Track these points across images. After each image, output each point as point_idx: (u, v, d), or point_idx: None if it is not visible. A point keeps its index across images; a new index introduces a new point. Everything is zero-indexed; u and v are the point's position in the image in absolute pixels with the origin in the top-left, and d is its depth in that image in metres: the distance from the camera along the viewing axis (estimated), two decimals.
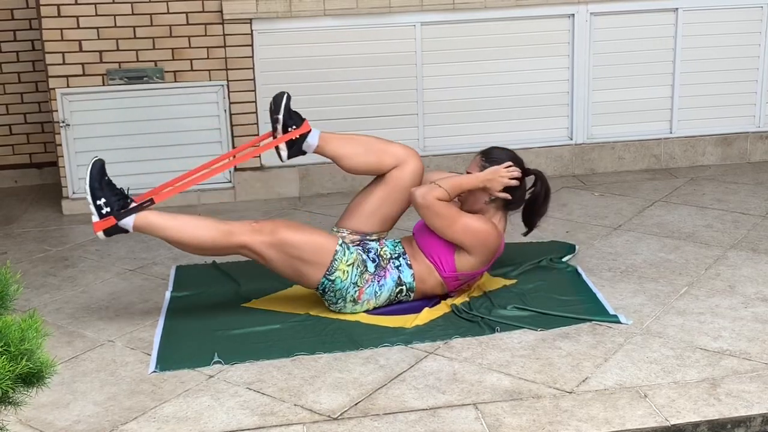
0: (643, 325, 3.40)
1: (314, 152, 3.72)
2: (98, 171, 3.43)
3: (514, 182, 3.55)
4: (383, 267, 3.54)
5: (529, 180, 3.67)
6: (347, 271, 3.46)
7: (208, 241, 3.43)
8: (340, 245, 3.49)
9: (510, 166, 3.57)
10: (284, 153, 3.69)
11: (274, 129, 3.70)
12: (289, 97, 3.69)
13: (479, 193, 3.58)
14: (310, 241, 3.45)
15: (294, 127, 3.66)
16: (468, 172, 3.63)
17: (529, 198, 3.69)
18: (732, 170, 5.49)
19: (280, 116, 3.65)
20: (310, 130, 3.68)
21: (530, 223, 3.74)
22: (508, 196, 3.56)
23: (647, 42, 5.43)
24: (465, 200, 3.62)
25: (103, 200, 3.40)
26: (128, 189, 3.52)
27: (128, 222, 3.43)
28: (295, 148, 3.69)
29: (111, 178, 3.48)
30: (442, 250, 3.54)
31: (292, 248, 3.41)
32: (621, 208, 4.83)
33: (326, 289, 3.48)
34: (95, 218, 3.41)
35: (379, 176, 3.70)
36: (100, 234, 3.44)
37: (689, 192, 5.07)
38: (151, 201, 3.49)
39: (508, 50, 5.32)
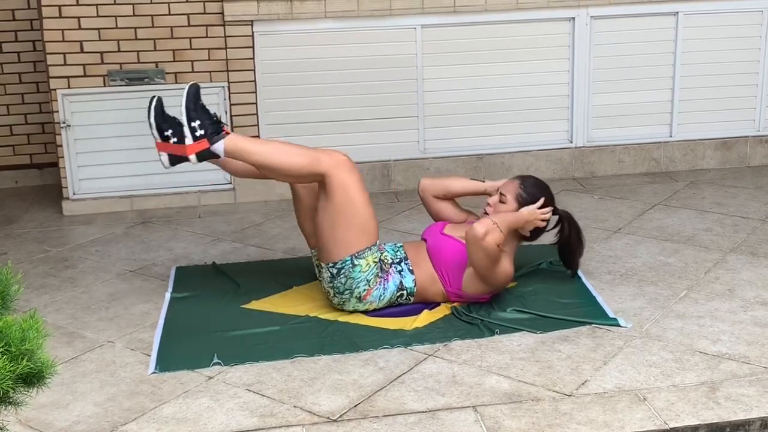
0: (642, 328, 3.40)
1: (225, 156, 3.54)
2: (194, 94, 3.44)
3: (543, 225, 3.61)
4: (386, 271, 3.55)
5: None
6: (370, 266, 3.47)
7: (296, 167, 3.42)
8: (377, 244, 3.51)
9: (544, 206, 3.60)
10: (165, 159, 3.51)
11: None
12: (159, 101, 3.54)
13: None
14: (367, 215, 3.45)
15: (170, 132, 3.45)
16: (502, 195, 3.61)
17: (561, 241, 3.73)
18: (732, 174, 5.50)
19: (153, 120, 3.48)
20: (207, 146, 3.45)
21: (572, 264, 3.80)
22: (530, 237, 3.64)
23: (647, 46, 5.44)
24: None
25: (197, 122, 3.40)
26: (219, 116, 3.51)
27: (220, 146, 3.42)
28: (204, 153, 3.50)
29: (204, 104, 3.45)
30: (453, 267, 3.54)
31: (352, 206, 3.40)
32: (621, 211, 4.83)
33: (342, 272, 3.46)
34: (189, 141, 3.40)
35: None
36: (193, 157, 3.42)
37: (689, 195, 5.07)
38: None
39: (508, 53, 5.32)
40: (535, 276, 3.92)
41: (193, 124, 3.40)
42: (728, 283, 3.80)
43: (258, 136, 5.15)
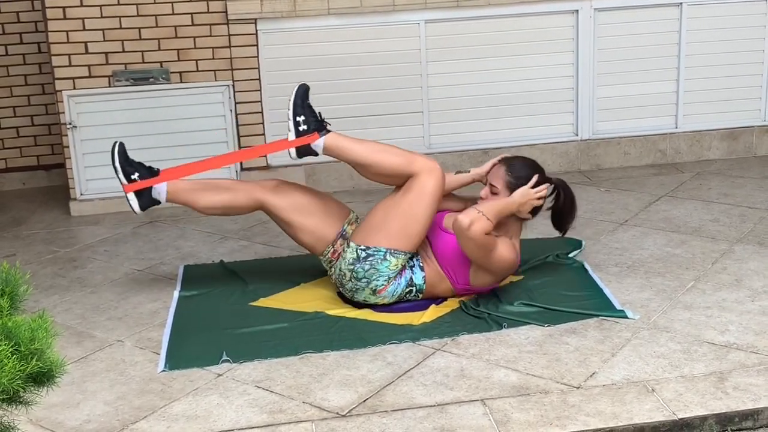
0: (650, 319, 3.40)
1: (166, 201, 3.74)
2: (303, 92, 3.60)
3: (542, 202, 3.56)
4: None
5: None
6: (397, 266, 3.50)
7: (392, 166, 3.54)
8: (411, 254, 3.54)
9: (537, 183, 3.53)
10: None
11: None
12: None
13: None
14: (423, 227, 3.49)
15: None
16: (492, 185, 3.56)
17: (554, 208, 3.67)
18: (738, 164, 5.48)
19: (118, 165, 3.69)
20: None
21: (562, 228, 3.73)
22: (531, 217, 3.58)
23: (652, 37, 5.43)
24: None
25: (302, 117, 3.54)
26: (322, 115, 3.64)
27: (320, 143, 3.56)
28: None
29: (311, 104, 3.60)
30: (457, 265, 3.53)
31: (418, 209, 3.47)
32: (627, 203, 4.83)
33: (369, 258, 3.47)
34: (292, 136, 3.54)
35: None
36: (292, 151, 3.58)
37: (695, 186, 5.06)
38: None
39: (512, 47, 5.32)
40: (542, 269, 3.92)
41: (298, 118, 3.55)
42: (735, 274, 3.80)
43: (264, 134, 5.16)
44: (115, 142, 3.74)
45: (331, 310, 3.59)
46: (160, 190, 3.70)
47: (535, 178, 3.53)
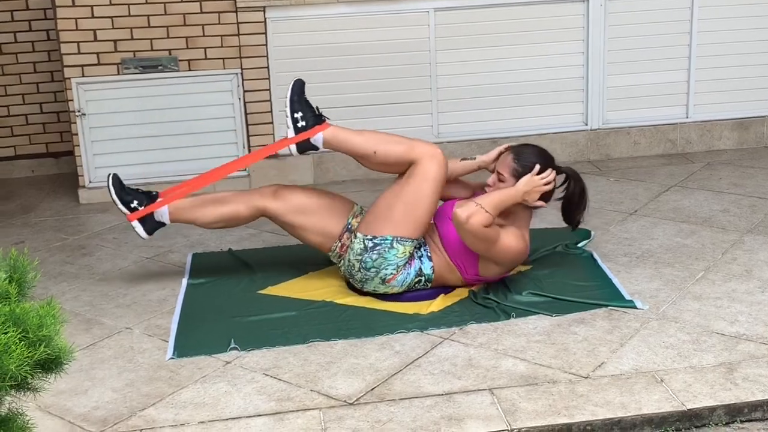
0: (659, 310, 3.39)
1: (170, 221, 3.77)
2: (299, 87, 3.59)
3: (549, 187, 3.50)
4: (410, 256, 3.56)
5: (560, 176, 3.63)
6: (405, 255, 3.49)
7: (394, 155, 3.53)
8: (418, 242, 3.54)
9: (542, 170, 3.48)
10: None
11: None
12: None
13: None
14: (428, 213, 3.49)
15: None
16: (499, 173, 3.52)
17: (564, 198, 3.64)
18: (749, 154, 5.45)
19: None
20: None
21: (572, 221, 3.70)
22: (544, 204, 3.52)
23: (662, 26, 5.39)
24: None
25: (300, 114, 3.55)
26: (318, 108, 3.66)
27: (319, 137, 3.57)
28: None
29: (308, 99, 3.61)
30: (466, 256, 3.51)
31: (420, 196, 3.46)
32: (637, 193, 4.81)
33: (377, 248, 3.46)
34: (291, 133, 3.56)
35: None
36: (293, 148, 3.58)
37: (705, 177, 5.04)
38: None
39: (522, 35, 5.29)
40: (550, 259, 3.91)
41: (296, 115, 3.56)
42: (746, 264, 3.78)
43: (272, 123, 5.15)
44: (109, 174, 3.77)
45: (340, 298, 3.59)
46: (163, 212, 3.74)
47: (538, 167, 3.48)
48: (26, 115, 5.67)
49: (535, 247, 3.96)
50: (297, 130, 3.57)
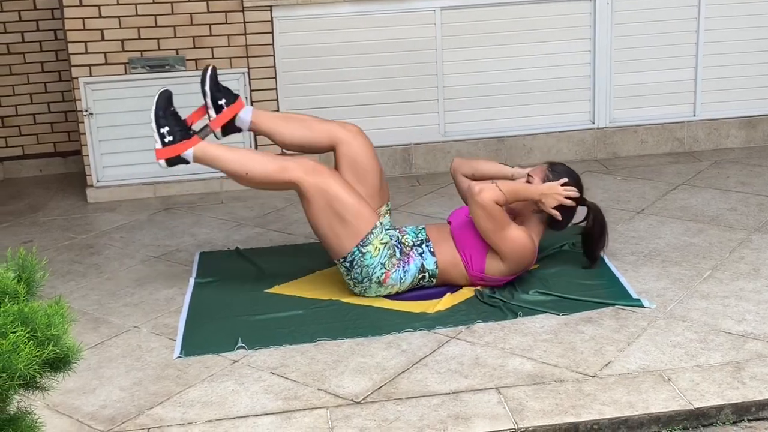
0: (666, 308, 3.38)
1: (249, 129, 3.71)
2: (165, 101, 3.51)
3: (569, 203, 3.55)
4: (406, 254, 3.55)
5: (582, 210, 3.67)
6: (379, 249, 3.47)
7: (262, 174, 3.48)
8: (380, 223, 3.51)
9: (567, 184, 3.56)
10: (218, 132, 3.67)
11: (207, 108, 3.67)
12: (215, 69, 3.66)
13: (531, 203, 3.57)
14: (357, 204, 3.46)
15: (224, 101, 3.63)
16: (529, 176, 3.60)
17: (585, 233, 3.71)
18: (756, 153, 5.44)
19: (207, 89, 3.62)
20: (241, 109, 3.65)
21: (592, 256, 3.74)
22: (558, 215, 3.55)
23: (669, 24, 5.38)
24: (514, 205, 3.61)
25: (166, 128, 3.48)
26: (192, 124, 3.58)
27: (188, 153, 3.50)
28: (229, 126, 3.67)
29: (177, 110, 3.54)
30: (475, 248, 3.53)
31: (338, 202, 3.42)
32: (644, 192, 4.80)
33: (354, 263, 3.48)
34: (158, 146, 3.49)
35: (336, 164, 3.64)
36: (162, 162, 3.52)
37: (713, 175, 5.03)
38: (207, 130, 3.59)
39: (528, 34, 5.29)
40: (557, 258, 3.91)
41: (162, 130, 3.47)
42: (753, 263, 3.77)
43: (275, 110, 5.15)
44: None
45: (346, 297, 3.59)
46: (244, 118, 3.64)
47: (565, 179, 3.57)
48: (34, 115, 5.69)
49: (542, 246, 3.95)
50: (164, 145, 3.48)
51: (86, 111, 4.99)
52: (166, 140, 3.47)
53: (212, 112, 3.64)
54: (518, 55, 5.30)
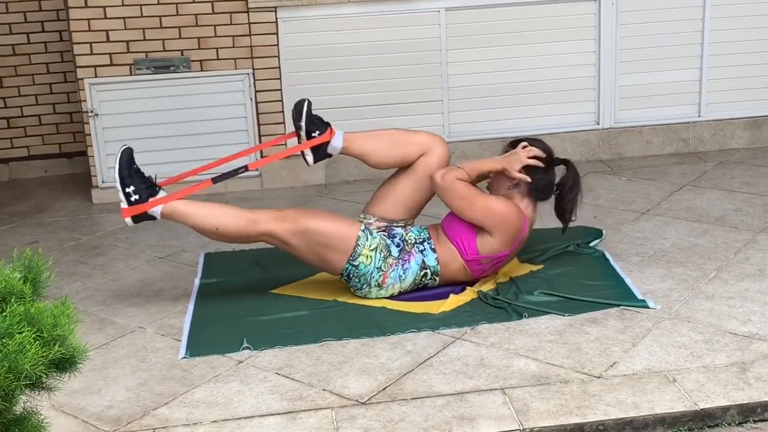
0: (671, 309, 3.38)
1: (341, 153, 3.74)
2: (127, 159, 3.50)
3: (533, 162, 3.55)
4: (407, 251, 3.55)
5: (561, 172, 3.65)
6: (370, 256, 3.48)
7: (233, 230, 3.50)
8: (362, 231, 3.51)
9: (527, 146, 3.58)
10: (310, 158, 3.70)
11: (299, 136, 3.72)
12: (309, 104, 3.69)
13: (501, 178, 3.59)
14: (333, 227, 3.48)
15: (317, 133, 3.66)
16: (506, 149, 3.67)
17: (559, 185, 3.67)
18: (762, 153, 5.43)
19: (303, 123, 3.66)
20: (333, 136, 3.68)
21: (562, 216, 3.70)
22: (526, 178, 3.53)
23: (674, 24, 5.37)
24: (490, 186, 3.66)
25: (132, 188, 3.48)
26: (156, 176, 3.57)
27: (156, 210, 3.50)
28: (321, 152, 3.70)
29: (139, 167, 3.53)
30: (464, 233, 3.54)
31: (316, 234, 3.45)
32: (649, 192, 4.79)
33: (351, 275, 3.50)
34: (124, 204, 3.49)
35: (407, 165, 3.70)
36: (128, 220, 3.52)
37: (718, 176, 5.02)
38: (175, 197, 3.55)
39: (533, 35, 5.28)
40: (562, 258, 3.90)
41: (127, 189, 3.47)
42: (758, 264, 3.77)
43: (284, 123, 5.16)
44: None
45: (351, 298, 3.59)
46: (335, 145, 3.66)
47: (525, 143, 3.60)
48: (39, 116, 5.70)
49: (547, 246, 3.96)
50: (130, 204, 3.48)
51: (91, 112, 5.00)
52: (132, 199, 3.47)
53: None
54: (523, 55, 5.29)
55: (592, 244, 4.04)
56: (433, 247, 3.58)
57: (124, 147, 3.54)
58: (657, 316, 3.33)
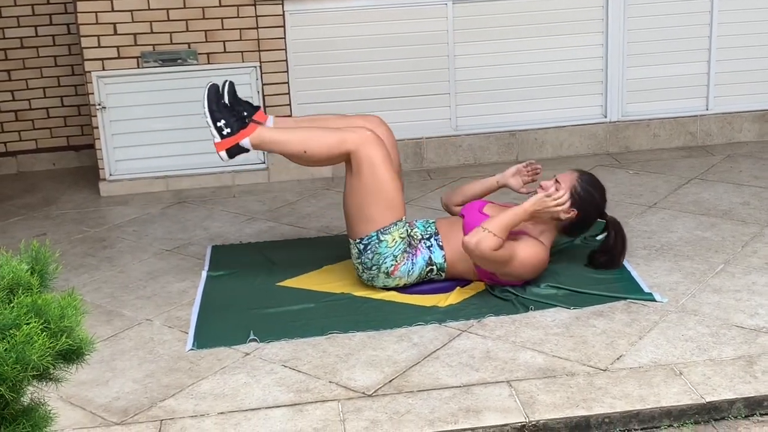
0: (678, 302, 3.38)
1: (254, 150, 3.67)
2: (214, 94, 3.53)
3: (563, 210, 3.47)
4: (414, 246, 3.55)
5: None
6: (396, 241, 3.48)
7: (320, 151, 3.50)
8: (404, 219, 3.53)
9: (551, 195, 3.45)
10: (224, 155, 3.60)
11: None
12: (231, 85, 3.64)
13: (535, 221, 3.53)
14: (393, 191, 3.47)
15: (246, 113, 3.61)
16: (557, 182, 3.53)
17: (604, 247, 3.69)
18: None
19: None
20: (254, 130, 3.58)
21: (611, 266, 3.69)
22: (573, 214, 3.50)
23: (682, 17, 5.35)
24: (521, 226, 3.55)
25: (223, 122, 3.50)
26: (245, 113, 3.59)
27: (246, 141, 3.52)
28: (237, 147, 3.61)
29: (227, 99, 3.56)
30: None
31: (379, 181, 3.44)
32: (656, 186, 4.78)
33: (368, 247, 3.48)
34: (217, 139, 3.51)
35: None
36: (223, 154, 3.54)
37: (726, 169, 5.00)
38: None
39: (540, 27, 5.27)
40: (569, 252, 3.90)
41: (218, 123, 3.49)
42: (766, 257, 3.76)
43: (290, 116, 5.16)
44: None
45: (357, 291, 3.60)
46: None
47: (553, 186, 3.51)
48: (47, 109, 5.72)
49: (554, 240, 3.95)
50: (222, 137, 3.50)
51: (99, 105, 5.01)
52: (224, 132, 3.50)
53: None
54: (530, 48, 5.28)
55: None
56: (440, 244, 3.57)
57: (210, 84, 3.57)
58: (663, 309, 3.33)
